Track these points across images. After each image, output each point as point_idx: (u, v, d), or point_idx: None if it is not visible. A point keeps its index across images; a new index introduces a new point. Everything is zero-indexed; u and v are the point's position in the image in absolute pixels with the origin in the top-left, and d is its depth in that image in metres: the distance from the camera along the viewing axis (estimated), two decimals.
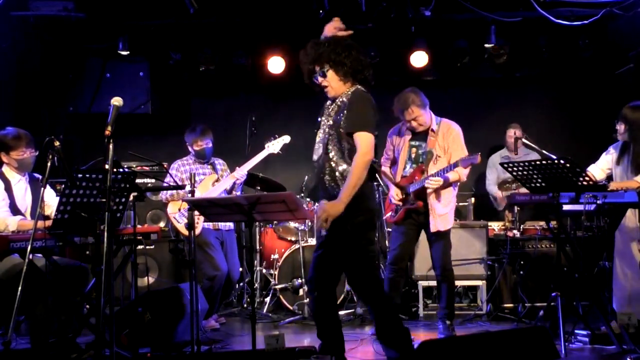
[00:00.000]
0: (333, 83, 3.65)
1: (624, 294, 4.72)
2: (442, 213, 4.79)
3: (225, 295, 5.59)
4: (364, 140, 3.51)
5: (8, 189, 4.38)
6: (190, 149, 5.44)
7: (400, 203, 4.87)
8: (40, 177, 4.50)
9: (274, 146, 5.39)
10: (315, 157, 3.73)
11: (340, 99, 3.66)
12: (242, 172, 5.32)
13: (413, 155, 4.93)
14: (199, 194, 5.15)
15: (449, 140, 4.83)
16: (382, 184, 4.26)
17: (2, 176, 4.43)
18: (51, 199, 4.45)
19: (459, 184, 4.97)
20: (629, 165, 4.66)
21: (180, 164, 5.44)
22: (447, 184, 4.77)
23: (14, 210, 4.36)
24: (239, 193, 5.48)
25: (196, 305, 4.01)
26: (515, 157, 6.45)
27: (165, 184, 5.02)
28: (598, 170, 4.84)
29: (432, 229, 4.78)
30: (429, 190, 4.75)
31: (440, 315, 4.92)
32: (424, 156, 4.87)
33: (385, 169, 5.11)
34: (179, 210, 5.25)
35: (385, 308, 3.68)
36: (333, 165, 3.60)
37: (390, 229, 5.44)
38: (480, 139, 7.26)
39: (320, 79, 3.66)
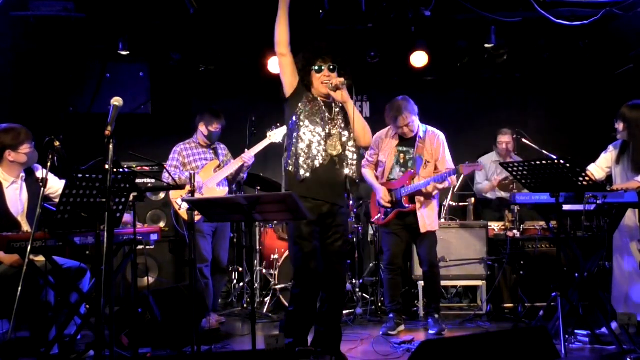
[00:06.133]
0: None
1: (623, 294, 4.72)
2: (431, 215, 5.06)
3: (216, 285, 5.50)
4: None
5: None
6: (203, 129, 5.43)
7: (390, 205, 5.06)
8: (39, 167, 4.41)
9: (276, 135, 5.44)
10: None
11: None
12: (250, 154, 5.37)
13: (401, 161, 5.13)
14: (201, 180, 5.15)
15: (435, 147, 5.08)
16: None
17: None
18: (56, 183, 4.38)
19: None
20: (629, 164, 4.68)
21: (183, 147, 5.42)
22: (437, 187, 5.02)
23: (4, 216, 4.19)
24: (245, 176, 5.58)
25: (195, 305, 4.02)
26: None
27: (164, 179, 5.03)
28: (598, 169, 4.85)
29: (422, 229, 5.02)
30: (418, 195, 5.02)
31: (429, 310, 5.18)
32: (412, 162, 5.08)
33: (369, 170, 5.28)
34: (182, 195, 5.21)
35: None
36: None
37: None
38: (480, 139, 7.28)
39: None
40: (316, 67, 3.94)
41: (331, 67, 3.94)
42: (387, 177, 5.14)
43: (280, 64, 3.99)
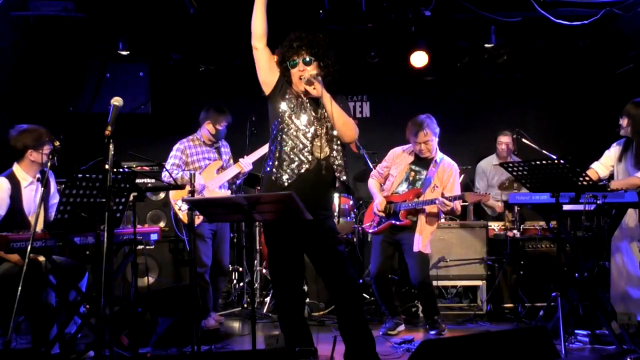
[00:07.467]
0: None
1: (621, 293, 4.72)
2: (427, 237, 5.02)
3: (217, 287, 5.50)
4: None
5: (17, 193, 4.22)
6: (209, 128, 5.29)
7: (383, 214, 5.05)
8: (49, 171, 4.44)
9: None
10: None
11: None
12: (248, 161, 5.33)
13: (411, 178, 5.13)
14: (203, 180, 5.13)
15: (446, 176, 5.06)
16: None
17: (13, 178, 4.25)
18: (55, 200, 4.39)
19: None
20: (631, 161, 4.66)
21: (187, 145, 5.28)
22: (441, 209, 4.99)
23: (19, 215, 4.21)
24: (239, 182, 5.58)
25: (195, 305, 4.02)
26: None
27: (165, 179, 5.02)
28: (602, 167, 4.84)
29: (415, 248, 4.97)
30: (421, 214, 5.00)
31: (428, 319, 5.16)
32: (421, 182, 5.07)
33: (375, 181, 5.32)
34: (183, 196, 5.17)
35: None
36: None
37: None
38: (480, 139, 7.29)
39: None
40: (290, 62, 3.65)
41: (306, 59, 3.62)
42: (393, 191, 5.14)
43: (255, 58, 3.68)
